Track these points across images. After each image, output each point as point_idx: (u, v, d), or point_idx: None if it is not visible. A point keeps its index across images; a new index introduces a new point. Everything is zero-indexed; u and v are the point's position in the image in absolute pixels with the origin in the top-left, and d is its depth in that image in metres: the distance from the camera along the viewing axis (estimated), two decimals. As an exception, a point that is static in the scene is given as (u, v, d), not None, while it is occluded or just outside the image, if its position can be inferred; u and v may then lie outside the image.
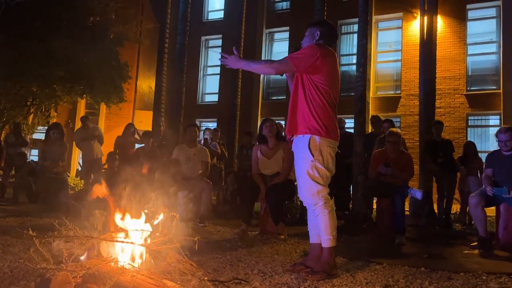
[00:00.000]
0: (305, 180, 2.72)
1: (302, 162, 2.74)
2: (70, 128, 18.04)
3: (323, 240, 2.74)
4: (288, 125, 2.88)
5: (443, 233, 5.94)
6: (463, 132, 11.91)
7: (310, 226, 2.90)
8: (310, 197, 2.75)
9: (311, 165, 2.69)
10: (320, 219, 2.72)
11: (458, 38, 12.20)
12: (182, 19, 8.48)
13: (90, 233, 1.91)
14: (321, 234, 2.75)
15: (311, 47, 2.81)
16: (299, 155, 2.77)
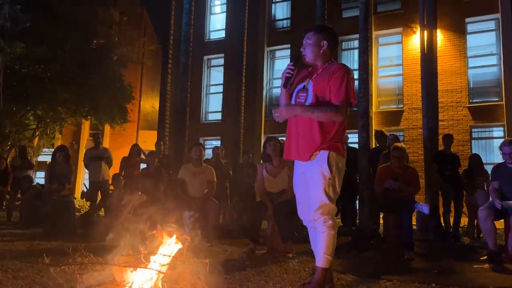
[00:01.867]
0: (320, 198, 2.64)
1: (319, 179, 2.64)
2: (74, 149, 18.16)
3: (321, 259, 2.63)
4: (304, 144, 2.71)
5: (452, 247, 5.90)
6: (467, 144, 11.89)
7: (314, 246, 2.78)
8: (319, 215, 2.65)
9: (328, 183, 2.63)
10: (325, 237, 2.64)
11: (458, 51, 12.29)
12: (184, 40, 8.61)
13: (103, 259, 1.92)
14: (320, 252, 2.64)
15: (349, 71, 2.74)
16: (315, 172, 2.66)
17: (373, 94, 13.13)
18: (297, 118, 2.76)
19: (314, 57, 2.80)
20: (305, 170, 2.75)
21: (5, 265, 3.33)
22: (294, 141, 2.78)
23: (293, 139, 2.79)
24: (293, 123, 2.80)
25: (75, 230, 5.97)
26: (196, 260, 2.06)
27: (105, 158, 8.36)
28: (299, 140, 2.74)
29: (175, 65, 9.59)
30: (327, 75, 2.72)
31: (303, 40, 2.85)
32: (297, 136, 2.75)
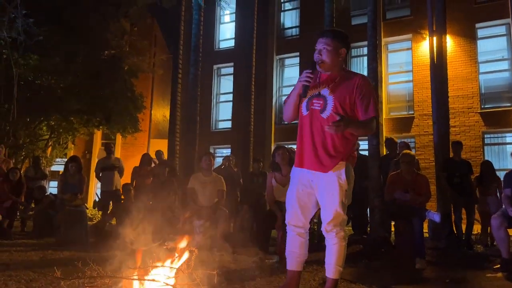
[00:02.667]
0: (335, 210, 2.60)
1: (337, 191, 2.59)
2: (87, 159, 18.34)
3: (334, 271, 2.62)
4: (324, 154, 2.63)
5: (465, 256, 5.83)
6: (479, 150, 11.77)
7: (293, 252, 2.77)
8: (332, 227, 2.62)
9: (345, 194, 2.61)
10: (337, 248, 2.63)
11: (469, 57, 12.22)
12: (194, 50, 8.71)
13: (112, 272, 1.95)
14: (333, 264, 2.62)
15: (371, 84, 2.79)
16: (332, 183, 2.60)
17: (383, 100, 13.10)
18: (313, 127, 2.67)
19: (333, 64, 2.70)
20: (317, 180, 2.64)
21: (19, 275, 3.38)
22: (310, 150, 2.66)
23: (308, 148, 2.67)
24: (307, 131, 2.69)
25: (88, 239, 6.03)
26: (203, 271, 2.08)
27: (117, 168, 8.42)
28: (318, 150, 2.64)
29: (185, 74, 9.69)
30: (350, 86, 2.65)
31: (318, 44, 2.72)
32: (314, 145, 2.65)
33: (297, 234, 2.73)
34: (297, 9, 15.43)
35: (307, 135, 2.68)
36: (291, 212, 2.75)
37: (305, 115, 2.70)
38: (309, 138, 2.67)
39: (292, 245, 2.74)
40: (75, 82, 12.20)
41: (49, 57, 11.78)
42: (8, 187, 7.03)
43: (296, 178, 2.75)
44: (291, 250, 2.75)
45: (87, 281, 1.90)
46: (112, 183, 8.27)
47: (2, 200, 6.73)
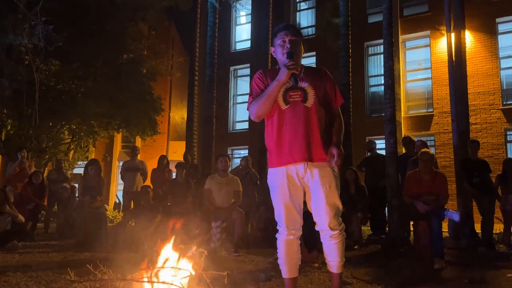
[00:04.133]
0: (336, 203, 2.57)
1: (334, 183, 2.56)
2: (108, 161, 18.68)
3: (339, 266, 2.60)
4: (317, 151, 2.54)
5: (486, 255, 5.71)
6: (502, 148, 11.50)
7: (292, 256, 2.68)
8: (336, 223, 2.59)
9: (338, 185, 2.61)
10: (341, 245, 2.61)
11: (489, 52, 11.96)
12: (210, 53, 8.78)
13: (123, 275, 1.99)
14: (337, 259, 2.60)
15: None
16: (330, 175, 2.56)
17: (402, 99, 12.94)
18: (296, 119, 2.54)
19: (300, 56, 2.67)
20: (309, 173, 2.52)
21: (40, 276, 3.48)
22: (298, 142, 2.51)
23: (294, 141, 2.52)
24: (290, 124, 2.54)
25: (107, 241, 6.14)
26: (214, 272, 2.10)
27: (140, 170, 8.64)
28: (307, 140, 2.52)
29: (202, 77, 9.77)
30: (318, 76, 2.66)
31: (285, 36, 2.61)
32: (302, 137, 2.52)
33: (295, 238, 2.64)
34: (313, 8, 15.37)
35: (290, 128, 2.54)
36: (287, 217, 2.58)
37: (285, 108, 2.56)
38: (294, 130, 2.53)
39: (291, 250, 2.62)
40: (95, 86, 12.43)
41: (69, 62, 12.05)
42: (31, 190, 7.22)
43: (282, 177, 2.55)
44: (290, 256, 2.62)
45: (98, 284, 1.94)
46: (134, 184, 8.49)
47: (26, 203, 6.92)
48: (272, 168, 2.61)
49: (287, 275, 2.63)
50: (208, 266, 2.32)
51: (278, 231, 2.66)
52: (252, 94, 2.60)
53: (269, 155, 2.64)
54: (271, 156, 2.62)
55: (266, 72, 2.66)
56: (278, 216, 2.62)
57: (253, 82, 2.65)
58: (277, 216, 2.63)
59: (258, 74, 2.67)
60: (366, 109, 13.36)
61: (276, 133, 2.56)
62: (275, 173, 2.58)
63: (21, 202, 6.86)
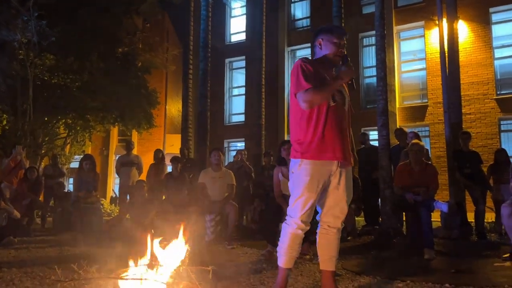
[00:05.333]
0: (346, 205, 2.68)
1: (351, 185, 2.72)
2: (104, 155, 18.70)
3: (335, 262, 2.71)
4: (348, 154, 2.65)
5: (477, 245, 5.81)
6: (496, 137, 11.58)
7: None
8: (342, 222, 2.71)
9: None
10: (338, 242, 2.72)
11: (483, 42, 11.99)
12: (203, 46, 8.78)
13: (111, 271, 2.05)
14: (336, 255, 2.70)
15: None
16: (351, 178, 2.73)
17: (396, 89, 12.98)
18: (339, 118, 2.62)
19: None
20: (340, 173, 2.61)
21: (34, 272, 3.54)
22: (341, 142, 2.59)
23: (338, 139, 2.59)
24: (335, 122, 2.60)
25: (103, 235, 6.20)
26: (200, 267, 2.16)
27: (136, 164, 8.70)
28: (345, 142, 2.62)
29: (196, 70, 9.77)
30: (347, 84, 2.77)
31: (342, 39, 2.71)
32: (343, 137, 2.61)
33: (302, 233, 2.64)
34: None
35: (335, 126, 2.58)
36: (308, 211, 2.58)
37: (332, 106, 2.61)
38: (338, 129, 2.59)
39: (294, 243, 2.65)
40: (90, 80, 12.42)
41: (64, 56, 12.03)
42: (27, 186, 7.27)
43: (317, 171, 2.55)
44: (293, 248, 2.65)
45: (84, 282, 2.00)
46: (130, 178, 8.55)
47: (21, 199, 6.97)
48: (310, 160, 2.54)
49: (283, 264, 2.68)
50: (201, 259, 2.38)
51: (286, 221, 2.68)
52: (308, 80, 2.52)
53: (305, 146, 2.57)
54: (308, 147, 2.55)
55: (309, 62, 2.63)
56: (296, 208, 2.58)
57: (303, 67, 2.56)
58: (296, 207, 2.58)
59: (304, 62, 2.61)
60: (361, 100, 13.41)
61: (321, 127, 2.56)
62: (313, 165, 2.54)
63: (17, 197, 6.91)
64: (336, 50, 2.67)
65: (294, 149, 2.62)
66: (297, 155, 2.59)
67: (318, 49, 2.73)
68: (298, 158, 2.58)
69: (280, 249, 2.68)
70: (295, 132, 2.64)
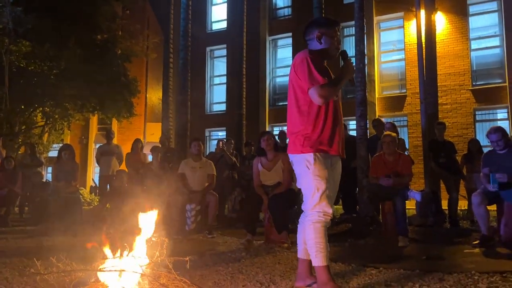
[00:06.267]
0: None
1: None
2: (84, 144, 18.46)
3: None
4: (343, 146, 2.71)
5: (449, 232, 6.01)
6: (471, 127, 11.89)
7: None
8: None
9: None
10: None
11: (460, 33, 12.22)
12: (183, 35, 8.72)
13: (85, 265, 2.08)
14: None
15: None
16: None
17: (376, 80, 13.15)
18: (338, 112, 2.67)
19: None
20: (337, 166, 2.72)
21: (13, 262, 3.54)
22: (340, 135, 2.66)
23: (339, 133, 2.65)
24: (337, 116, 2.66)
25: (83, 225, 6.19)
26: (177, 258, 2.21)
27: (116, 154, 8.66)
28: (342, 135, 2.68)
29: (177, 59, 9.70)
30: None
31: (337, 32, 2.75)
32: (341, 131, 2.67)
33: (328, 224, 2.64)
34: (289, -12, 15.31)
35: (337, 120, 2.64)
36: (330, 202, 2.58)
37: (336, 99, 2.67)
38: (338, 122, 2.65)
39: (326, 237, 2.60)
40: (68, 67, 12.20)
41: (41, 43, 11.76)
42: (4, 176, 7.16)
43: (330, 166, 2.63)
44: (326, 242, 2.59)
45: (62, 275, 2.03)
46: (110, 168, 8.52)
47: (-1, 189, 6.88)
48: (318, 154, 2.54)
49: (326, 261, 2.55)
50: (182, 249, 2.43)
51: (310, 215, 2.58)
52: (322, 74, 2.53)
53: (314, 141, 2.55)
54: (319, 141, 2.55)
55: (313, 55, 2.63)
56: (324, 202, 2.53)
57: (311, 63, 2.55)
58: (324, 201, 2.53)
59: (311, 55, 2.60)
60: (342, 90, 13.52)
61: (331, 121, 2.59)
62: (323, 157, 2.56)
63: (-6, 188, 6.81)
64: (335, 44, 2.70)
65: (301, 144, 2.57)
66: (307, 150, 2.54)
67: (317, 43, 2.70)
68: (310, 152, 2.53)
69: (318, 246, 2.54)
70: (299, 126, 2.60)
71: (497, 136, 4.58)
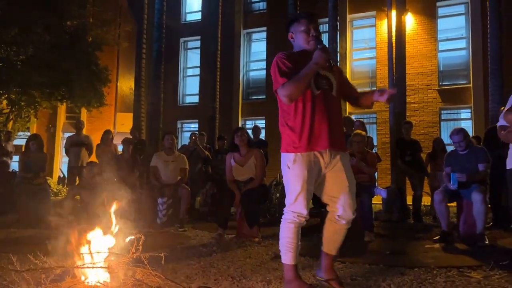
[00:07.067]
0: (354, 193, 2.68)
1: (352, 173, 2.68)
2: (51, 133, 18.00)
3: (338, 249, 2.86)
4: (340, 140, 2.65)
5: (413, 227, 6.28)
6: (436, 126, 12.32)
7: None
8: (354, 212, 2.71)
9: None
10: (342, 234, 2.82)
11: (429, 35, 12.60)
12: (157, 26, 8.64)
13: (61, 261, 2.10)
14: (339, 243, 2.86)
15: None
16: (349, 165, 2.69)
17: (348, 77, 13.39)
18: (327, 106, 2.58)
19: None
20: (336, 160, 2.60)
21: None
22: (331, 129, 2.56)
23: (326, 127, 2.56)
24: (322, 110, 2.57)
25: (51, 217, 6.09)
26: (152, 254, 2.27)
27: (86, 145, 8.51)
28: (337, 129, 2.63)
29: (150, 49, 9.60)
30: (337, 67, 2.80)
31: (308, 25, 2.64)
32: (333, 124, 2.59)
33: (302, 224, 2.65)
34: (265, -18, 15.32)
35: (323, 114, 2.56)
36: (305, 203, 2.56)
37: (318, 93, 2.59)
38: (326, 117, 2.56)
39: (297, 237, 2.62)
40: (36, 54, 11.84)
41: (6, 27, 11.36)
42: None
43: (310, 163, 2.55)
44: (297, 242, 2.62)
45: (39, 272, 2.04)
46: (79, 159, 8.38)
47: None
48: (300, 153, 2.54)
49: (293, 261, 2.61)
50: (153, 243, 2.48)
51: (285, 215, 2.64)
52: (283, 75, 2.50)
53: (296, 140, 2.56)
54: (298, 140, 2.55)
55: (288, 55, 2.60)
56: (299, 203, 2.55)
57: (279, 62, 2.54)
58: (299, 202, 2.55)
59: (282, 55, 2.58)
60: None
61: (309, 118, 2.55)
62: (304, 158, 2.54)
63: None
64: (306, 37, 2.61)
65: (286, 143, 2.60)
66: (290, 149, 2.57)
67: (293, 42, 2.71)
68: (292, 152, 2.56)
69: (288, 245, 2.60)
70: (283, 126, 2.63)
71: (459, 137, 4.82)
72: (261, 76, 14.80)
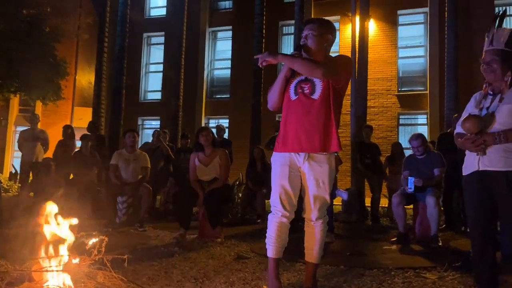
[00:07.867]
0: (326, 196, 2.71)
1: (329, 183, 2.69)
2: (3, 126, 17.17)
3: (316, 256, 2.81)
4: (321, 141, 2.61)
5: (371, 229, 6.45)
6: (395, 130, 12.73)
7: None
8: (322, 213, 2.77)
9: (331, 180, 2.74)
10: (320, 234, 2.80)
11: (390, 41, 12.99)
12: (121, 21, 8.41)
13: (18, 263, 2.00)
14: (315, 248, 2.80)
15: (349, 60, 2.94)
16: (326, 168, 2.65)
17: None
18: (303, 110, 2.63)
19: (317, 49, 2.68)
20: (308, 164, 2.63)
21: None
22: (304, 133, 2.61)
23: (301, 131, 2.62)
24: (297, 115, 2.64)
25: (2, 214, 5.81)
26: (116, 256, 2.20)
27: (41, 140, 8.16)
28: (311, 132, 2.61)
29: (112, 43, 9.33)
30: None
31: (305, 30, 2.72)
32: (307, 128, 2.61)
33: (288, 221, 2.70)
34: (232, -19, 15.27)
35: (295, 119, 2.65)
36: (284, 198, 2.65)
37: (294, 99, 2.68)
38: (298, 121, 2.64)
39: (281, 233, 2.69)
40: (-12, 42, 11.25)
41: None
42: None
43: (283, 162, 2.67)
44: (280, 237, 2.70)
45: None
46: (34, 154, 8.04)
47: None
48: (276, 153, 2.75)
49: (272, 255, 2.72)
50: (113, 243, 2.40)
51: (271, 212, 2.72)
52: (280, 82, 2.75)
53: (277, 140, 2.77)
54: (278, 141, 2.75)
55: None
56: (275, 198, 2.69)
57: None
58: (274, 197, 2.69)
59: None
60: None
61: (284, 122, 2.72)
62: (278, 157, 2.72)
63: None
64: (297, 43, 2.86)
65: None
66: (275, 149, 2.78)
67: None
68: (275, 151, 2.78)
69: (269, 239, 2.72)
70: None
71: (417, 142, 5.01)
72: (225, 75, 14.74)
